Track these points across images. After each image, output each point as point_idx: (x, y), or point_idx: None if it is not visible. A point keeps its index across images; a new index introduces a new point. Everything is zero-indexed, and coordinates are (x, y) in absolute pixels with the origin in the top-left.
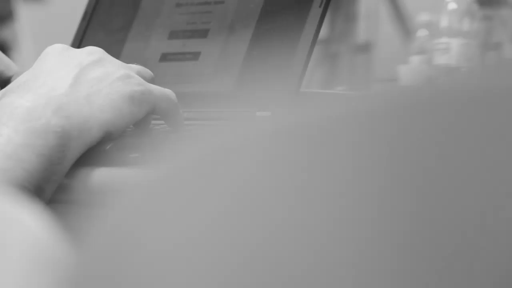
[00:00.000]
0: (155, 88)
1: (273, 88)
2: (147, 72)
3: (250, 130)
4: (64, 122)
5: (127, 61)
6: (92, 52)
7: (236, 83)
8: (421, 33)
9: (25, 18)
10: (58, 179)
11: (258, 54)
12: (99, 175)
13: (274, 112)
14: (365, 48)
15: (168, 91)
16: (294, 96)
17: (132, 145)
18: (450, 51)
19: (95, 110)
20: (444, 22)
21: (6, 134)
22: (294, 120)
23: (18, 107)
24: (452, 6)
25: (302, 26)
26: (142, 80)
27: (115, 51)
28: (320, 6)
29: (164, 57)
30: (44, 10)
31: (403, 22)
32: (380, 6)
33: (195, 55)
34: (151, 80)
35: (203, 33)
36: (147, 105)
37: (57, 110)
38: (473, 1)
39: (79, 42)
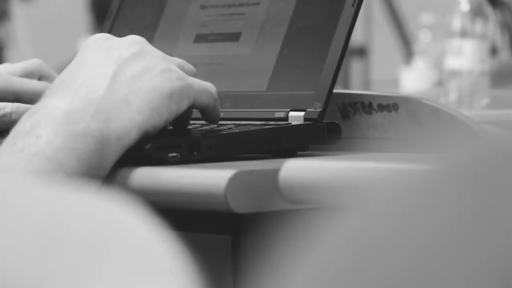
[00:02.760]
0: (195, 82)
1: (306, 88)
2: (189, 66)
3: None
4: (102, 127)
5: None
6: (133, 44)
7: (269, 83)
8: (424, 34)
9: (21, 17)
10: (97, 182)
11: (291, 54)
12: (139, 175)
13: None
14: (361, 51)
15: (208, 85)
16: (328, 96)
17: (171, 144)
18: (463, 53)
19: (133, 112)
20: (456, 23)
21: (46, 136)
22: None
23: (56, 109)
24: (464, 7)
25: (335, 25)
26: (182, 73)
27: None
28: (353, 5)
29: (194, 58)
30: (40, 8)
31: (399, 25)
32: (374, 9)
33: (227, 55)
34: (193, 75)
35: (234, 34)
36: (187, 100)
37: (95, 114)
38: (486, 3)
39: None
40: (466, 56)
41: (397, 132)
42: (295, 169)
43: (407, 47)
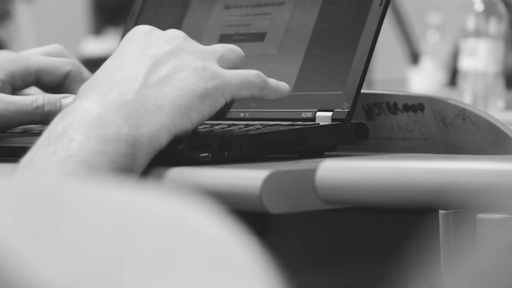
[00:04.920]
0: (234, 76)
1: (333, 88)
2: (235, 52)
3: None
4: (134, 131)
5: None
6: (170, 40)
7: (295, 83)
8: (432, 34)
9: (24, 17)
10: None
11: (317, 54)
12: (172, 175)
13: None
14: None
15: (250, 75)
16: (356, 97)
17: (202, 145)
18: (477, 53)
19: (163, 118)
20: (470, 23)
21: (78, 139)
22: None
23: (89, 113)
24: (479, 7)
25: (362, 25)
26: (218, 71)
27: None
28: (380, 5)
29: None
30: (43, 8)
31: (402, 25)
32: None
33: (252, 56)
34: (241, 60)
35: (259, 35)
36: (222, 99)
37: (127, 119)
38: (500, 2)
39: None
40: (480, 56)
41: (422, 132)
42: (332, 169)
43: (410, 47)
